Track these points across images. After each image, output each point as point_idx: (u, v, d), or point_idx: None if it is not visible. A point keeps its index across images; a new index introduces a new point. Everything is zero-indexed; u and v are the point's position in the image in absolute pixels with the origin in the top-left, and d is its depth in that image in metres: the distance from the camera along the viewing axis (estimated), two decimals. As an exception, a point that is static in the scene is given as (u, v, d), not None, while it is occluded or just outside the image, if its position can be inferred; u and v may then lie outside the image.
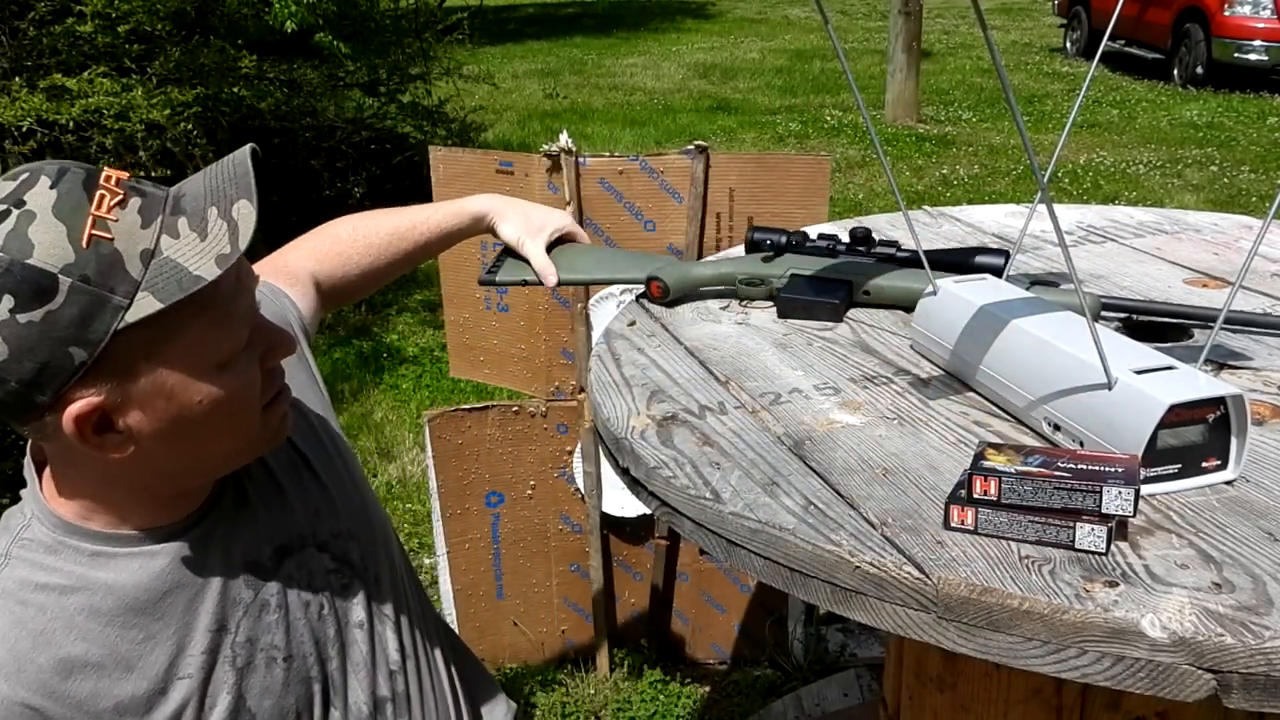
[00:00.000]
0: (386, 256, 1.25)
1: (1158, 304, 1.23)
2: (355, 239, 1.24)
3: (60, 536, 0.87)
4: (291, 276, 1.16)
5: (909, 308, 1.28)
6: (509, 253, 1.33)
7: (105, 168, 0.80)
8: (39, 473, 0.90)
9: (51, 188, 0.76)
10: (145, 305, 0.76)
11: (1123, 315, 1.18)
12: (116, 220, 0.76)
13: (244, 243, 0.79)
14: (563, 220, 1.34)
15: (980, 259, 1.27)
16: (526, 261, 1.31)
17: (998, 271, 1.23)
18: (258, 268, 1.07)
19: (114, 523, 0.88)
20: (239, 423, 0.87)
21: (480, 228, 1.32)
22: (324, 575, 1.01)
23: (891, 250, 1.31)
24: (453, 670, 1.18)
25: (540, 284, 1.30)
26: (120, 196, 0.77)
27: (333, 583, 1.02)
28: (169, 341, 0.79)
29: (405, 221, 1.27)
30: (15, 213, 0.75)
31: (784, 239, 1.33)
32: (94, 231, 0.75)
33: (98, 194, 0.77)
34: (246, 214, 0.79)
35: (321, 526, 1.02)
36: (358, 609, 1.03)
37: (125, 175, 0.80)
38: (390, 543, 1.12)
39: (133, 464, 0.84)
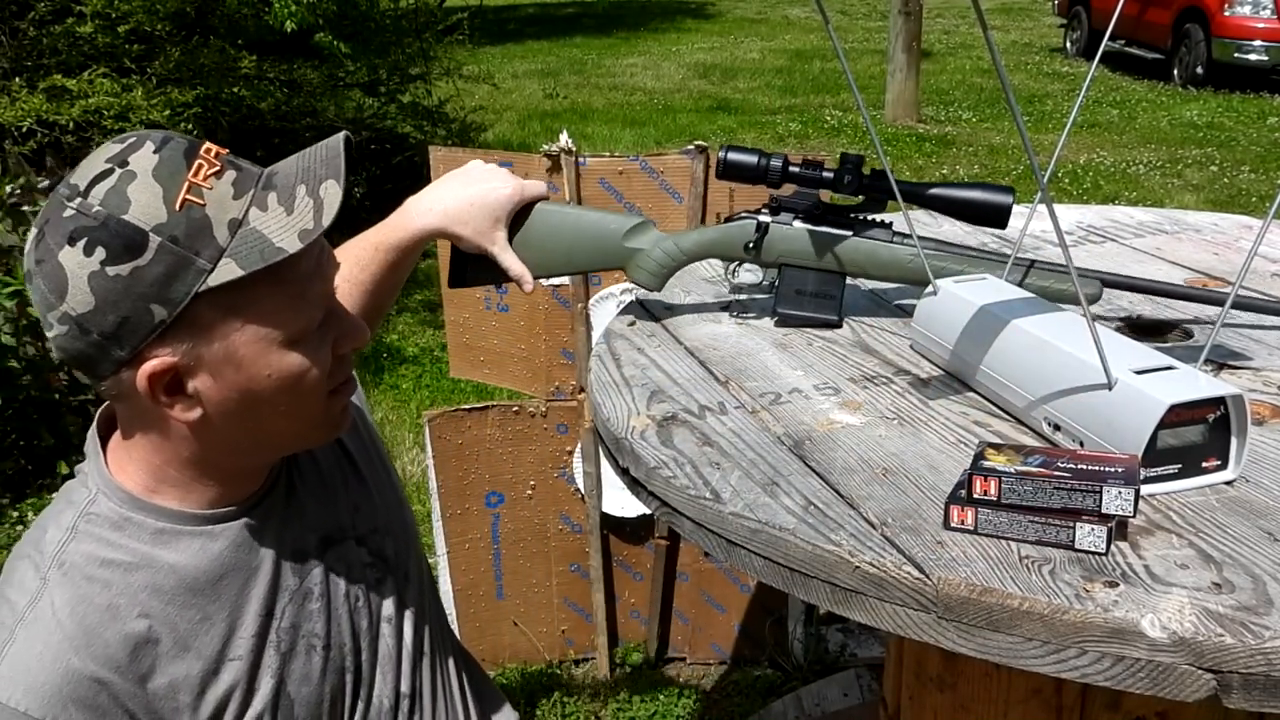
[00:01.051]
0: (371, 289, 1.18)
1: (1160, 283, 1.21)
2: (345, 286, 1.17)
3: (126, 512, 0.88)
4: None
5: (902, 279, 1.24)
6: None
7: (207, 141, 0.83)
8: (104, 445, 0.92)
9: (155, 152, 0.80)
10: (227, 271, 0.79)
11: (1124, 317, 1.18)
12: (210, 188, 0.80)
13: (328, 219, 0.81)
14: (509, 194, 1.18)
15: (983, 196, 1.15)
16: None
17: (1004, 210, 1.14)
18: None
19: (178, 500, 0.90)
20: (304, 402, 0.88)
21: (431, 241, 1.21)
22: (361, 569, 1.03)
23: (883, 184, 1.20)
24: (462, 674, 1.18)
25: (513, 281, 1.21)
26: (217, 168, 0.81)
27: (369, 576, 1.04)
28: (245, 310, 0.81)
29: (367, 252, 1.18)
30: (118, 171, 0.79)
31: (764, 160, 1.20)
32: (188, 196, 0.79)
33: (196, 162, 0.80)
34: (333, 194, 0.82)
35: (361, 521, 1.04)
36: (388, 604, 1.05)
37: (225, 150, 0.84)
38: (417, 542, 1.14)
39: (199, 432, 0.86)
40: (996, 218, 1.15)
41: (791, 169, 1.22)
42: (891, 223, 1.25)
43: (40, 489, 3.14)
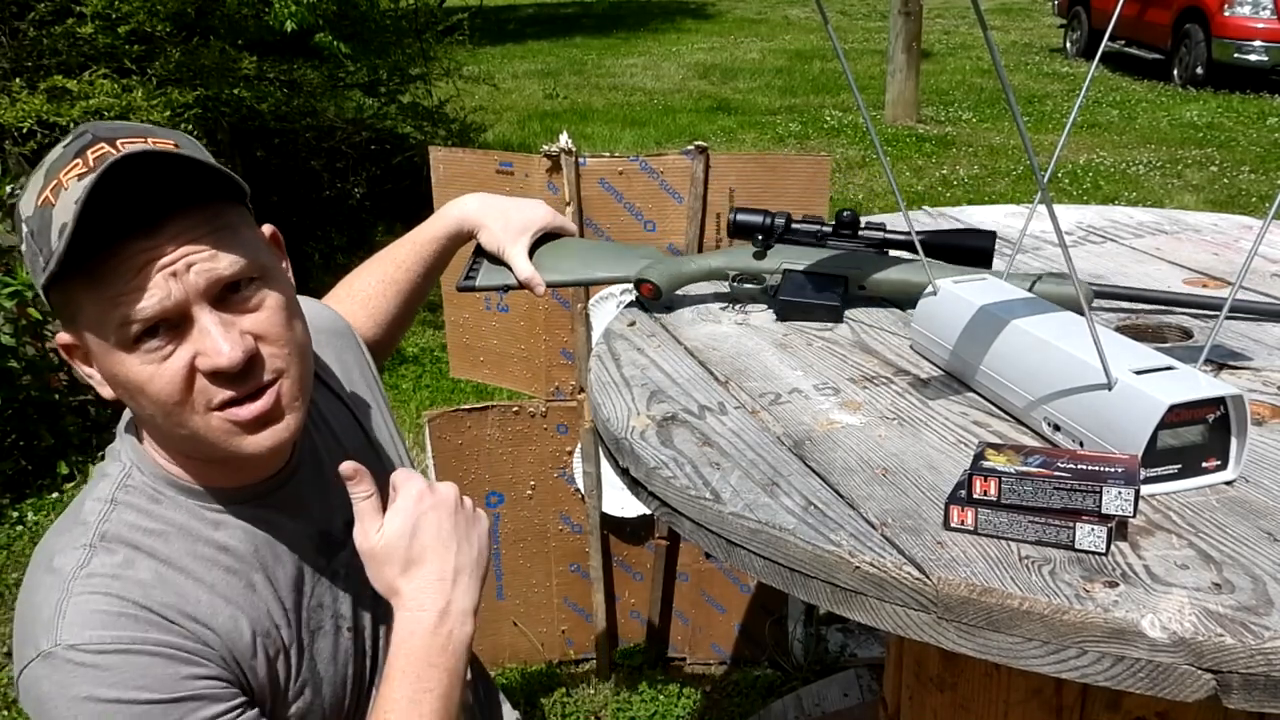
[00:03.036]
0: (407, 290, 1.27)
1: (1149, 291, 1.24)
2: (381, 286, 1.26)
3: (159, 487, 0.92)
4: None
5: (905, 302, 1.28)
6: (484, 253, 1.28)
7: (103, 142, 0.82)
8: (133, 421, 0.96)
9: (64, 147, 0.84)
10: (51, 269, 0.81)
11: (1117, 308, 1.19)
12: (66, 189, 0.81)
13: (67, 236, 0.80)
14: (545, 217, 1.28)
15: (969, 241, 1.25)
16: (509, 267, 1.26)
17: (988, 253, 1.23)
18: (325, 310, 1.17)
19: (200, 475, 0.93)
20: (162, 411, 0.86)
21: (463, 236, 1.28)
22: None
23: (880, 234, 1.29)
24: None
25: (520, 288, 1.25)
26: (85, 169, 0.81)
27: None
28: (79, 308, 0.84)
29: (404, 250, 1.27)
30: (43, 161, 0.85)
31: (767, 220, 1.29)
32: (48, 194, 0.82)
33: (74, 161, 0.82)
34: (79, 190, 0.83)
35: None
36: None
37: (116, 150, 0.81)
38: None
39: (138, 412, 0.90)
40: (983, 259, 1.25)
41: (794, 225, 1.31)
42: (884, 224, 1.31)
43: (40, 489, 3.14)
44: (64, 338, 0.88)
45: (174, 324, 0.84)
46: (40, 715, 0.82)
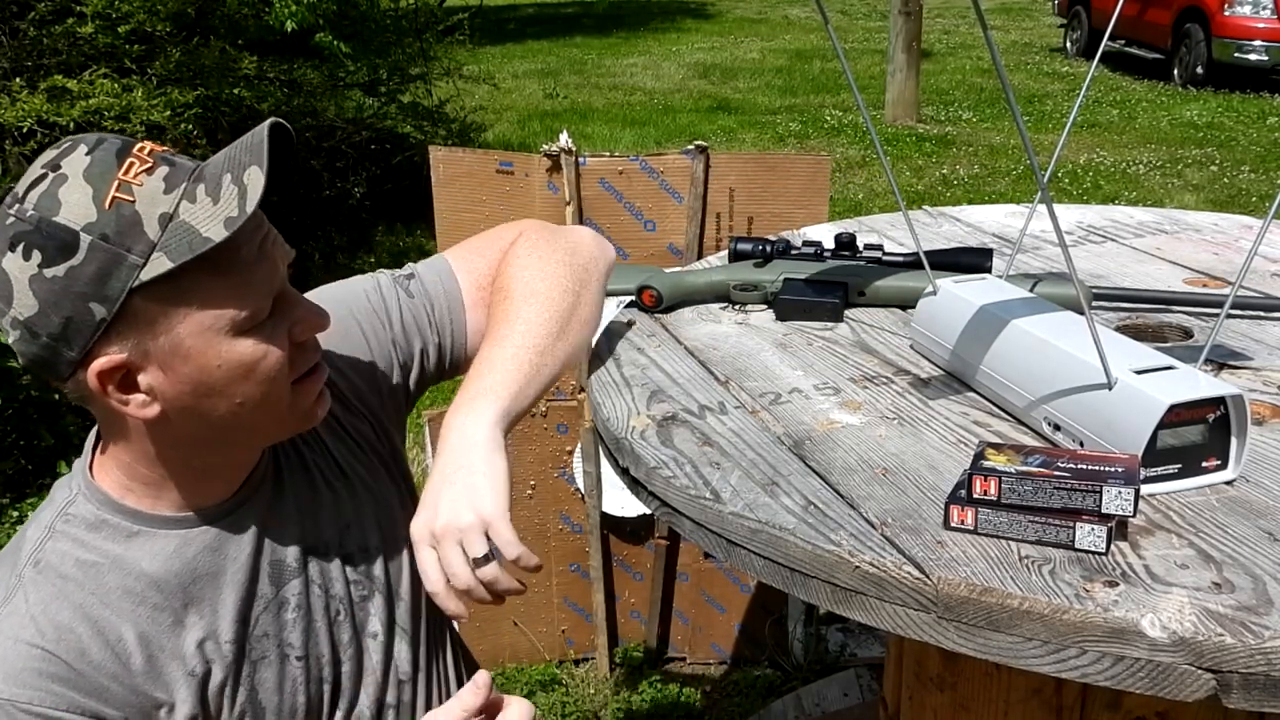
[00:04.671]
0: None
1: (1147, 292, 1.24)
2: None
3: (103, 514, 0.90)
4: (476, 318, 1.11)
5: (905, 305, 1.28)
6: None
7: (143, 140, 0.84)
8: (95, 448, 0.93)
9: (87, 154, 0.81)
10: (158, 265, 0.79)
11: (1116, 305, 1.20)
12: (141, 185, 0.80)
13: (250, 206, 0.80)
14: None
15: (965, 259, 1.29)
16: None
17: (986, 271, 1.25)
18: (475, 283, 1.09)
19: (151, 501, 0.90)
20: (264, 392, 0.88)
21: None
22: (344, 584, 1.02)
23: (878, 254, 1.32)
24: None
25: None
26: (149, 165, 0.81)
27: (352, 593, 1.03)
28: (185, 302, 0.81)
29: None
30: (50, 175, 0.80)
31: (766, 246, 1.32)
32: (117, 194, 0.79)
33: (128, 161, 0.81)
34: (255, 179, 0.81)
35: (349, 539, 1.03)
36: (374, 620, 1.04)
37: (161, 147, 0.84)
38: None
39: (161, 429, 0.86)
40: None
41: (793, 250, 1.34)
42: (882, 245, 1.35)
43: (40, 489, 3.14)
44: (108, 363, 0.81)
45: (278, 299, 0.87)
46: None
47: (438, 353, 1.11)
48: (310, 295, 1.01)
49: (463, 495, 0.90)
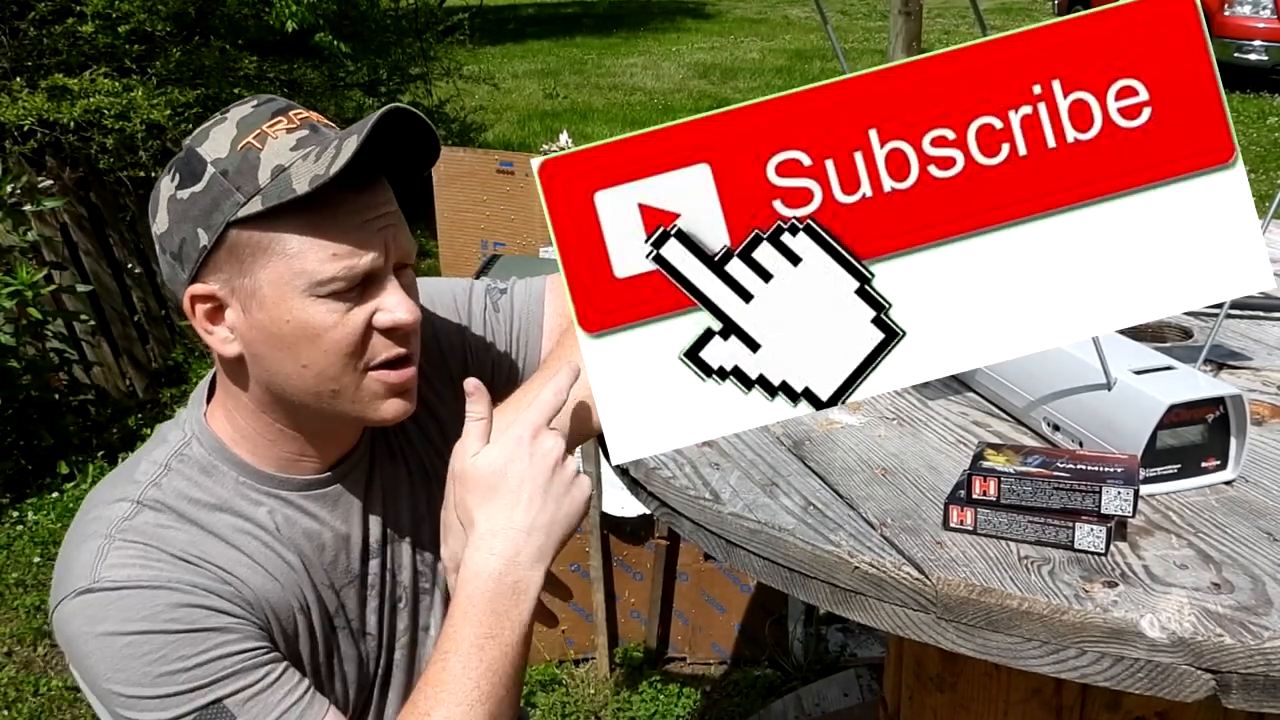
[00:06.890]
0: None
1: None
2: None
3: (214, 460, 0.94)
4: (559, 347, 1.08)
5: None
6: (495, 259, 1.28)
7: (303, 108, 0.91)
8: (209, 392, 0.98)
9: (253, 107, 0.89)
10: (253, 205, 0.84)
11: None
12: (275, 138, 0.86)
13: (335, 169, 0.82)
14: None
15: None
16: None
17: None
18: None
19: (251, 453, 0.95)
20: (329, 363, 0.89)
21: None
22: (412, 573, 1.05)
23: None
24: None
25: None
26: (293, 126, 0.88)
27: (418, 583, 1.06)
28: (273, 250, 0.86)
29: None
30: (216, 117, 0.90)
31: None
32: (251, 140, 0.86)
33: (277, 119, 0.88)
34: (348, 147, 0.84)
35: (423, 532, 1.06)
36: (427, 615, 1.07)
37: (317, 116, 0.90)
38: None
39: (241, 374, 0.92)
40: None
41: None
42: None
43: (40, 489, 3.14)
44: (202, 289, 0.88)
45: (369, 281, 0.88)
46: (70, 651, 0.86)
47: (509, 371, 1.13)
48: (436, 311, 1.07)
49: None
